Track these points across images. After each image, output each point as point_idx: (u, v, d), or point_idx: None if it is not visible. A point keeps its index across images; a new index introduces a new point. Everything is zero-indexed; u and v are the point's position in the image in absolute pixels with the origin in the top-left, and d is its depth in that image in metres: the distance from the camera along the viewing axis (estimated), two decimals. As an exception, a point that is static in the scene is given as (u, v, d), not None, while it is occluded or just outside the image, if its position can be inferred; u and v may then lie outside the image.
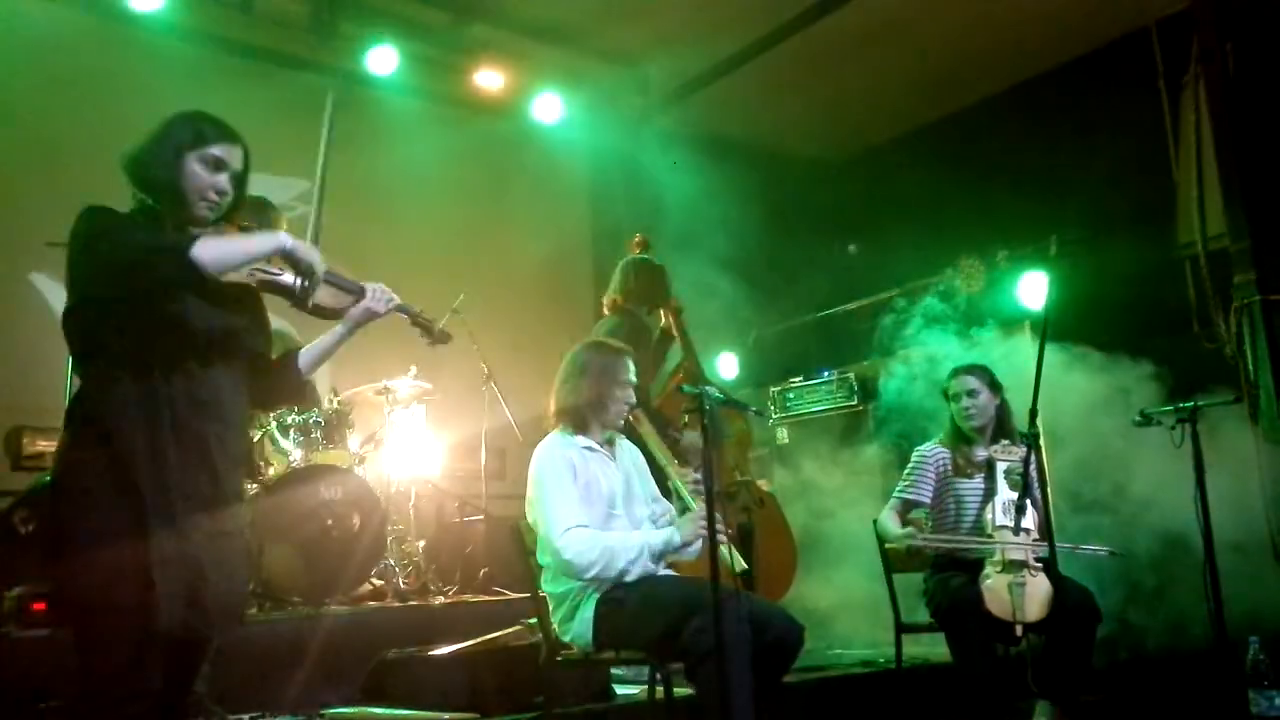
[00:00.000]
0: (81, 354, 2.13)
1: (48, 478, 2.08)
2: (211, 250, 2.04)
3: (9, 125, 5.58)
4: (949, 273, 5.56)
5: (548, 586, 2.95)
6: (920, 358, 5.12)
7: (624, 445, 3.14)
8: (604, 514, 2.93)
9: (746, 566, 2.83)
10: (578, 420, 3.02)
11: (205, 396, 2.13)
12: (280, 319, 2.52)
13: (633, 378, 3.07)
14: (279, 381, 2.39)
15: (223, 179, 2.18)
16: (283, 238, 2.14)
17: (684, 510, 2.96)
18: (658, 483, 3.19)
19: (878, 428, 5.79)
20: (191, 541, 2.06)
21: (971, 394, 3.76)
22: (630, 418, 3.10)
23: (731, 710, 2.47)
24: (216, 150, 2.18)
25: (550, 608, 2.95)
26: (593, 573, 2.78)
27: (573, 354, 3.14)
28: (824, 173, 7.73)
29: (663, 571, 2.96)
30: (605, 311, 4.68)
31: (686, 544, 2.83)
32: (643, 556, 2.79)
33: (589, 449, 2.98)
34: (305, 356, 2.41)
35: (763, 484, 5.23)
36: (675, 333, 4.80)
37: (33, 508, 4.00)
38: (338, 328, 2.41)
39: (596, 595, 2.82)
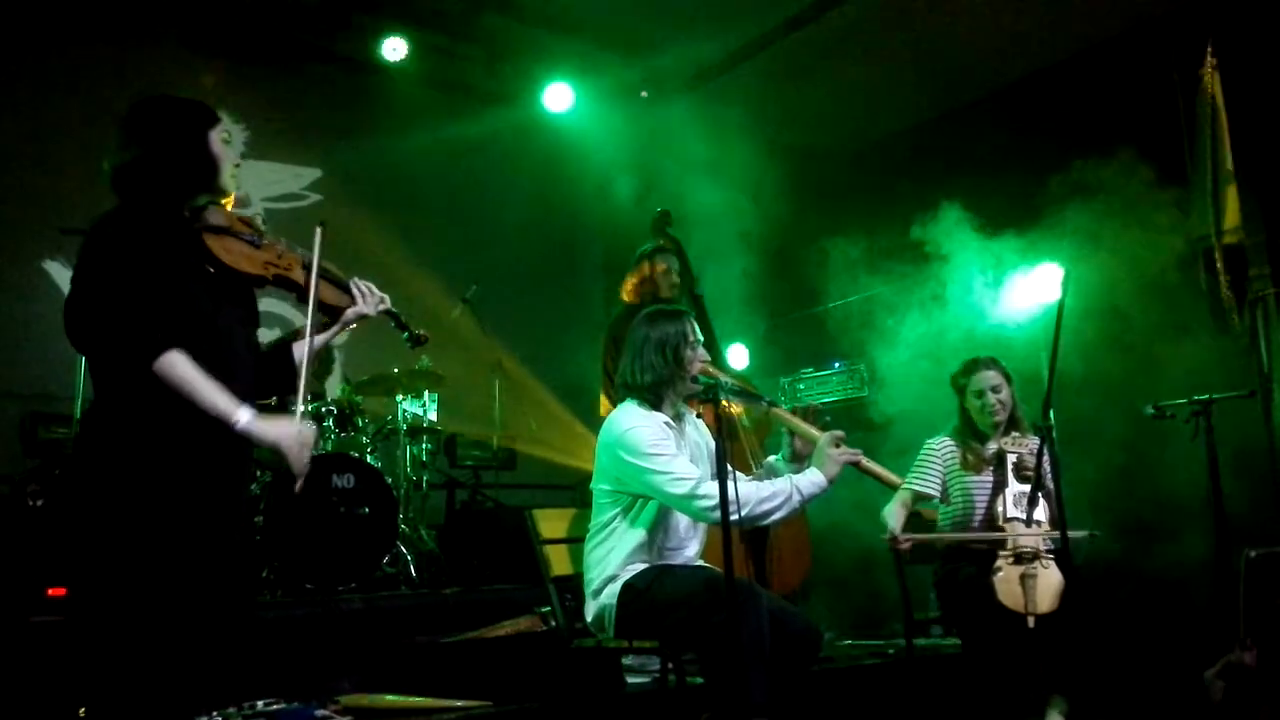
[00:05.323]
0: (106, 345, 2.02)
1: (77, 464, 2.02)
2: (180, 370, 1.93)
3: (19, 113, 5.60)
4: None
5: (588, 559, 2.93)
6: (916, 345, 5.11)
7: (690, 421, 3.06)
8: None
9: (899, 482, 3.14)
10: (652, 398, 2.93)
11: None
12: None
13: (699, 336, 2.99)
14: (275, 371, 2.32)
15: (232, 150, 2.20)
16: (241, 415, 2.00)
17: (791, 453, 2.99)
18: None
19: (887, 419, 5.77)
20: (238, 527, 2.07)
21: (995, 389, 3.71)
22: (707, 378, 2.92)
23: (749, 703, 2.47)
24: (224, 124, 2.19)
25: (584, 583, 2.95)
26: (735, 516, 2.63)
27: (634, 329, 3.02)
28: (836, 163, 7.70)
29: (697, 561, 2.97)
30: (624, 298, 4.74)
31: (833, 481, 2.78)
32: (791, 500, 2.75)
33: (667, 423, 2.92)
34: (297, 350, 2.35)
35: None
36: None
37: (52, 493, 4.02)
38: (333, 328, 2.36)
39: (621, 582, 2.81)
